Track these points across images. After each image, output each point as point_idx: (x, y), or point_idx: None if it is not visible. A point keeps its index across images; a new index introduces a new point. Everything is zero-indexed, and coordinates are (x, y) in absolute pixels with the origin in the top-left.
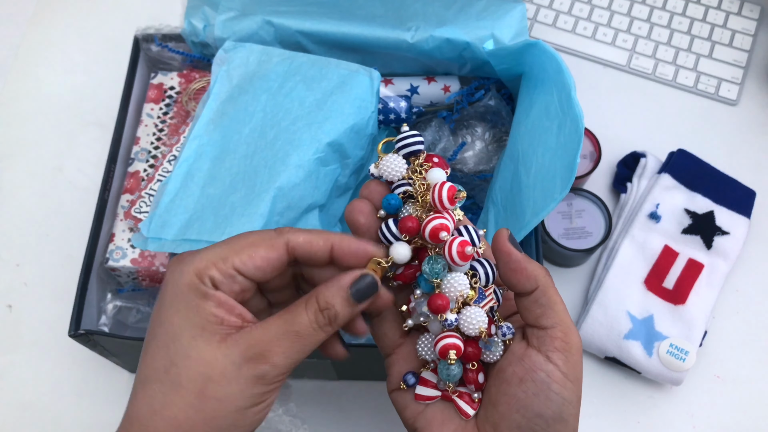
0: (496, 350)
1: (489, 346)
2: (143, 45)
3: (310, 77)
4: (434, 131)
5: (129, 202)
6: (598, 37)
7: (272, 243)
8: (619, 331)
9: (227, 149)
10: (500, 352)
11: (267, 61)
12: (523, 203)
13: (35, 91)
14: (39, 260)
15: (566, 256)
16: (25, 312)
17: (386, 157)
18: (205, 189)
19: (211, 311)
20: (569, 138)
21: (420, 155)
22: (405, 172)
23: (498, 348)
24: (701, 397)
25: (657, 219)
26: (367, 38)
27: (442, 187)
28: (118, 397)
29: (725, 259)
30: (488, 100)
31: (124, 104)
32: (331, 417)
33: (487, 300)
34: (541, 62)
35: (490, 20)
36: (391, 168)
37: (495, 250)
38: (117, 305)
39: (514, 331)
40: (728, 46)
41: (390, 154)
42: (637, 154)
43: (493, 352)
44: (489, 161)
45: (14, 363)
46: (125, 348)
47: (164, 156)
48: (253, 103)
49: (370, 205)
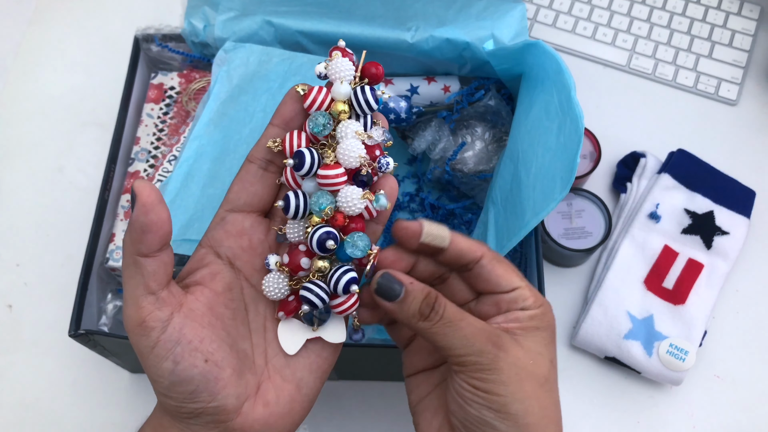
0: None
1: (376, 201)
2: (143, 45)
3: (310, 77)
4: (434, 131)
5: (129, 202)
6: (598, 37)
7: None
8: (619, 331)
9: (227, 149)
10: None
11: (267, 61)
12: (523, 203)
13: (35, 91)
14: (39, 260)
15: (566, 256)
16: (25, 312)
17: (338, 59)
18: (206, 189)
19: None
20: (569, 138)
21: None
22: (353, 79)
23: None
24: (701, 397)
25: (657, 219)
26: (367, 38)
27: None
28: (118, 397)
29: (725, 259)
30: (488, 100)
31: (124, 104)
32: (331, 417)
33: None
34: (541, 62)
35: (490, 20)
36: (340, 69)
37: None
38: (117, 305)
39: (390, 162)
40: (728, 46)
41: (341, 58)
42: (637, 154)
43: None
44: (489, 161)
45: (14, 363)
46: (125, 348)
47: (164, 156)
48: (253, 103)
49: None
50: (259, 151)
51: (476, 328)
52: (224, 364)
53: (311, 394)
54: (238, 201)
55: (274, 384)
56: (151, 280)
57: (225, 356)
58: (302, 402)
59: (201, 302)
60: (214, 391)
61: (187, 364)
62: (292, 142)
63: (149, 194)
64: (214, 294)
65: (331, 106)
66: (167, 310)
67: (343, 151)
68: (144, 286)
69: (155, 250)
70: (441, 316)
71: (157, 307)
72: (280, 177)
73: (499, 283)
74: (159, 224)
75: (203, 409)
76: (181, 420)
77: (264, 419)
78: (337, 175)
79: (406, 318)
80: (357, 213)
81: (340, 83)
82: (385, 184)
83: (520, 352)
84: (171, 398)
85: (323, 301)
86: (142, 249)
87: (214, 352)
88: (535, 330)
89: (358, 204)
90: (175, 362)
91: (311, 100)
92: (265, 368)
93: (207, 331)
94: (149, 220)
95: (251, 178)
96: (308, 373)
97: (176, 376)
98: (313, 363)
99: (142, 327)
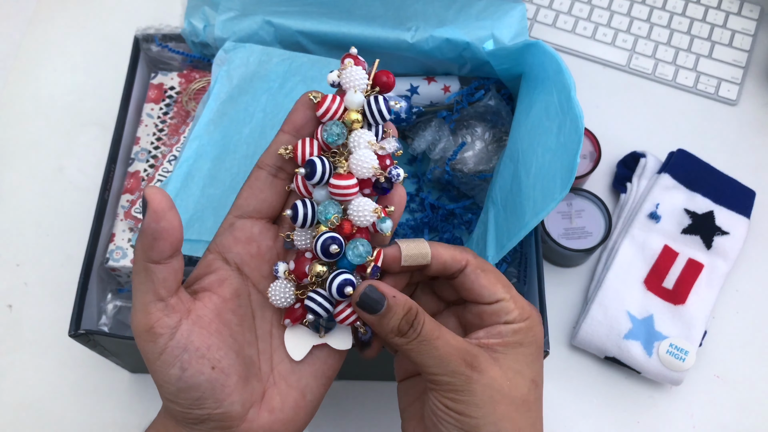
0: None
1: (381, 222)
2: (143, 45)
3: (310, 77)
4: (434, 131)
5: (129, 202)
6: (598, 37)
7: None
8: (619, 331)
9: (227, 149)
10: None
11: (267, 61)
12: (523, 203)
13: (35, 91)
14: (39, 260)
15: (566, 256)
16: (25, 312)
17: (351, 67)
18: (206, 189)
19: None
20: (569, 138)
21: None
22: (366, 87)
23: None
24: (701, 397)
25: (657, 219)
26: (367, 38)
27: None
28: (118, 397)
29: (725, 259)
30: (488, 100)
31: (124, 104)
32: (331, 417)
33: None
34: (541, 62)
35: (490, 20)
36: (354, 78)
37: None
38: (117, 305)
39: (400, 173)
40: (728, 46)
41: (354, 66)
42: (636, 154)
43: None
44: (489, 161)
45: (14, 363)
46: (125, 348)
47: (164, 156)
48: (253, 103)
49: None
50: (269, 157)
51: (452, 347)
52: (231, 371)
53: (315, 400)
54: (247, 207)
55: (279, 390)
56: (160, 287)
57: (231, 363)
58: (306, 408)
59: (209, 309)
60: (220, 398)
61: (194, 371)
62: (304, 149)
63: (160, 201)
64: (221, 300)
65: (344, 115)
66: (176, 317)
67: (357, 162)
68: (153, 293)
69: (166, 257)
70: (418, 333)
71: (165, 314)
72: (289, 184)
73: (481, 294)
74: (170, 231)
75: (209, 415)
76: (186, 425)
77: (269, 425)
78: (349, 186)
79: (383, 333)
80: (366, 225)
81: (353, 92)
82: (395, 193)
83: (497, 373)
84: (177, 404)
85: (326, 311)
86: (153, 256)
87: (221, 359)
88: (517, 346)
89: (368, 217)
90: (183, 369)
91: (325, 109)
92: (271, 374)
93: (214, 338)
94: (161, 227)
95: (261, 185)
96: (313, 379)
97: (183, 383)
98: (318, 370)
99: (150, 333)
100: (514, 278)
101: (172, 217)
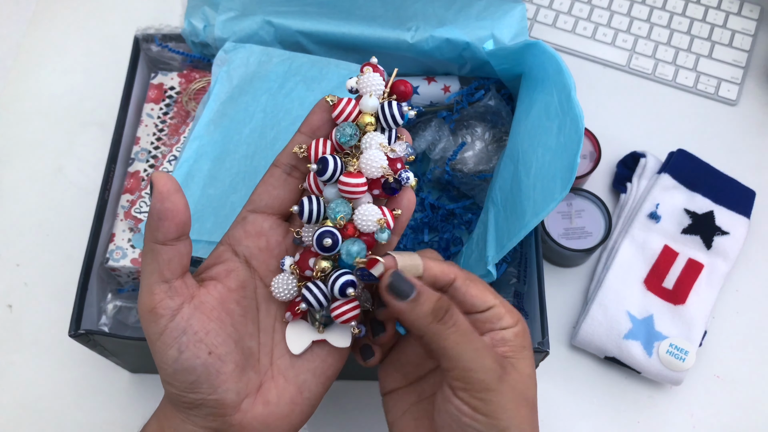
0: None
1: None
2: (143, 45)
3: (310, 77)
4: (434, 131)
5: (129, 202)
6: (598, 37)
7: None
8: (619, 331)
9: (227, 150)
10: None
11: (267, 61)
12: (523, 203)
13: (35, 91)
14: (39, 260)
15: (566, 256)
16: (25, 312)
17: (369, 74)
18: (206, 189)
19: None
20: (569, 138)
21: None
22: (382, 92)
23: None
24: (701, 397)
25: (657, 219)
26: (367, 38)
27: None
28: (118, 397)
29: (725, 259)
30: (488, 100)
31: (124, 104)
32: (331, 417)
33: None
34: (541, 62)
35: (490, 20)
36: (371, 83)
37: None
38: (117, 305)
39: (410, 176)
40: (728, 46)
41: (373, 73)
42: (636, 154)
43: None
44: (489, 161)
45: (14, 363)
46: (125, 348)
47: (164, 156)
48: (253, 103)
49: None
50: (285, 156)
51: (485, 344)
52: (227, 359)
53: (313, 398)
54: (260, 202)
55: (276, 384)
56: (165, 268)
57: (229, 351)
58: (303, 405)
59: (212, 296)
60: (214, 384)
61: (191, 353)
62: (317, 149)
63: (165, 183)
64: (226, 290)
65: (359, 118)
66: (178, 300)
67: (366, 161)
68: (158, 274)
69: (172, 237)
70: (455, 323)
71: (168, 296)
72: (303, 182)
73: (474, 304)
74: (174, 212)
75: (203, 400)
76: (182, 410)
77: (263, 418)
78: (358, 184)
79: (417, 318)
80: (369, 231)
81: (369, 96)
82: (404, 197)
83: (517, 375)
84: (173, 386)
85: (321, 304)
86: (159, 236)
87: (218, 346)
88: (523, 350)
89: (371, 225)
90: (180, 351)
91: (339, 110)
92: (270, 368)
93: (214, 325)
94: (165, 207)
95: (275, 182)
96: (312, 376)
97: (179, 365)
98: (318, 367)
99: (153, 313)
100: (514, 278)
101: (177, 199)
